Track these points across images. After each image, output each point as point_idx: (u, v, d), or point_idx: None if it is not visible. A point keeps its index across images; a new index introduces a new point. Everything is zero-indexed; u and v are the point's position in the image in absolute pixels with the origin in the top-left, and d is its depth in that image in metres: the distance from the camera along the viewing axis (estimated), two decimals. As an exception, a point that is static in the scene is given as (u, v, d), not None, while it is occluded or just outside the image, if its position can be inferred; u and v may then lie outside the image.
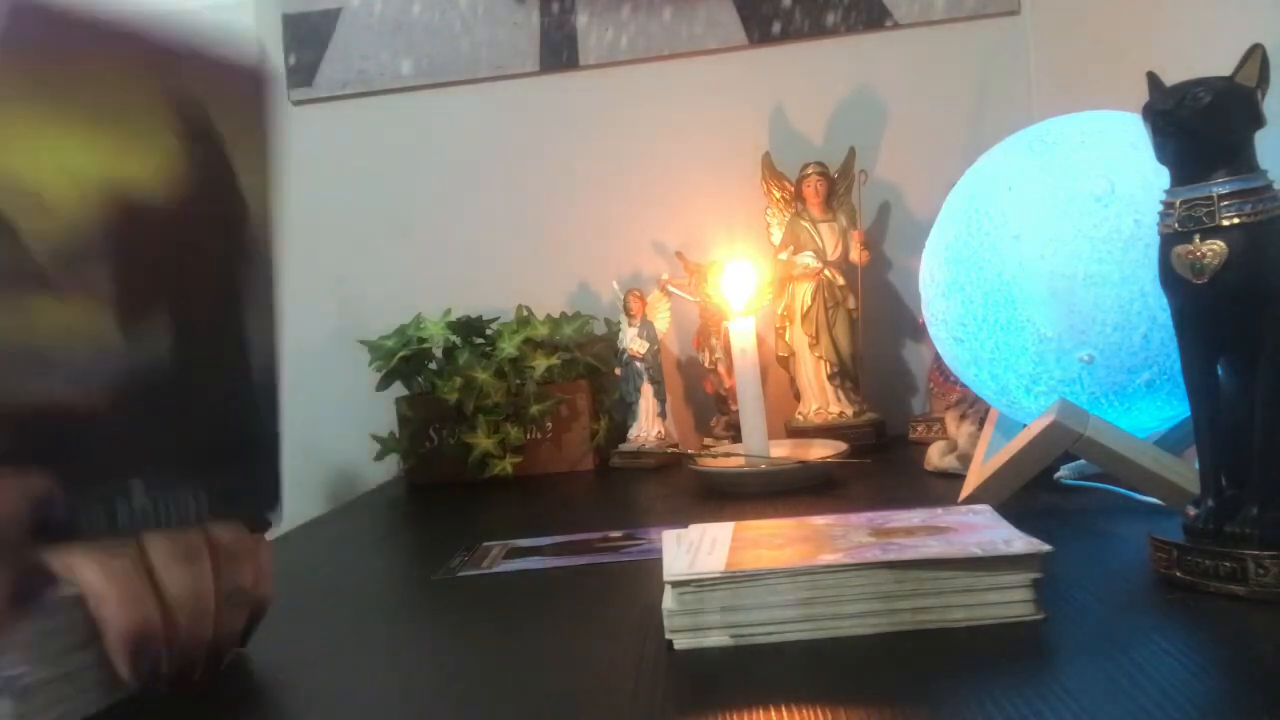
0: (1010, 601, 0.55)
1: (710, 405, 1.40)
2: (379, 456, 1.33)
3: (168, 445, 0.29)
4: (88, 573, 0.26)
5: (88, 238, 0.28)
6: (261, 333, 0.31)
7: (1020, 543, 0.56)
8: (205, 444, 0.30)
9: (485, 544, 0.89)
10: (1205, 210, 0.56)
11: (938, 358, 1.14)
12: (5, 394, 0.26)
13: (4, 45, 0.27)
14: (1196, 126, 0.56)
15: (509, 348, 1.28)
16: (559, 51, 1.48)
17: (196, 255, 0.30)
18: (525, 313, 1.37)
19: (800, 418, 1.29)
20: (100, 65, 0.29)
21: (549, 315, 1.37)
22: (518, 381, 1.27)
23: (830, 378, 1.28)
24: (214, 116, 0.31)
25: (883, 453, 1.21)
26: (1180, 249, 0.57)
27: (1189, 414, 0.62)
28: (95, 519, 0.27)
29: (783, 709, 0.46)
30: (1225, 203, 0.55)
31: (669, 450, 1.28)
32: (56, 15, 0.28)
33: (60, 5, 0.29)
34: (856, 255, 1.30)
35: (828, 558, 0.56)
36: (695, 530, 0.67)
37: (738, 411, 1.13)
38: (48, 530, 0.27)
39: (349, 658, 0.64)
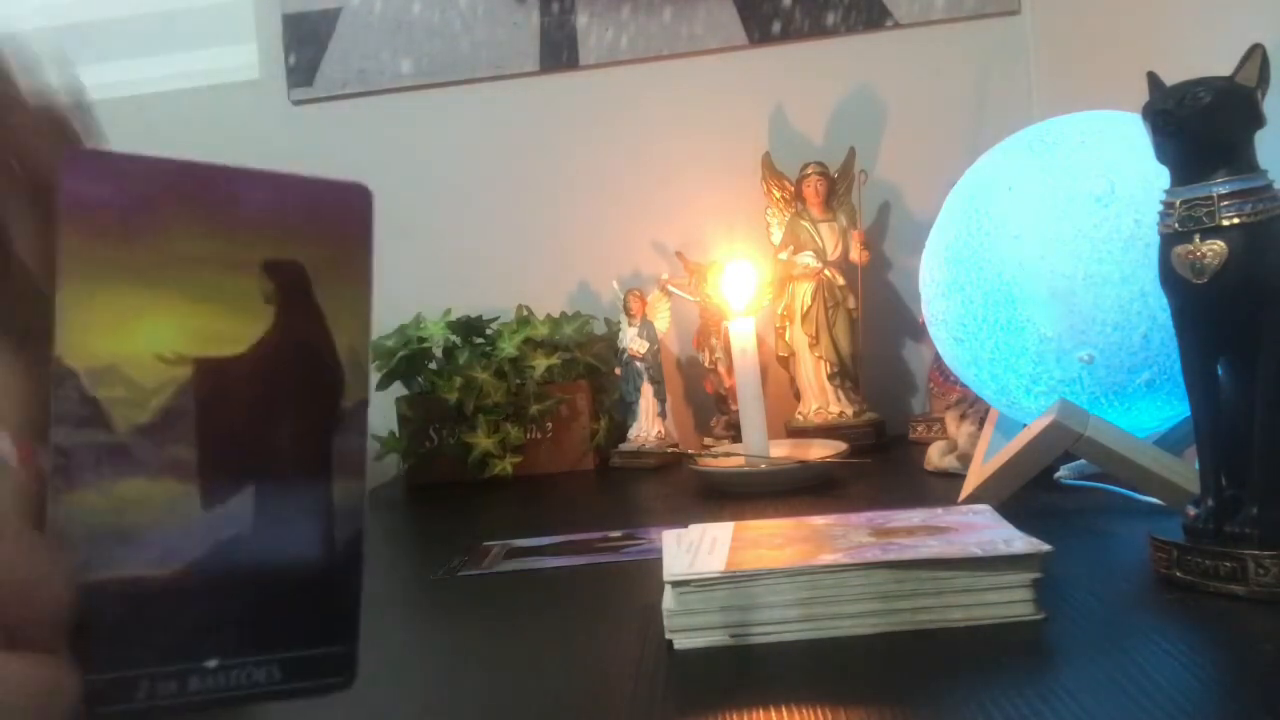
0: (1010, 601, 0.55)
1: (710, 405, 1.40)
2: (379, 456, 1.33)
3: (245, 618, 0.29)
4: None
5: (176, 418, 0.28)
6: (348, 500, 0.30)
7: (1020, 543, 0.56)
8: (281, 617, 0.30)
9: (485, 544, 0.89)
10: (1205, 210, 0.56)
11: (938, 358, 1.14)
12: (93, 570, 0.27)
13: (80, 210, 0.27)
14: (1196, 126, 0.56)
15: (509, 348, 1.28)
16: (559, 51, 1.48)
17: (285, 426, 0.30)
18: (525, 313, 1.37)
19: (800, 418, 1.29)
20: (194, 242, 0.28)
21: (549, 315, 1.37)
22: (518, 381, 1.27)
23: (830, 378, 1.28)
24: (312, 269, 0.30)
25: (883, 453, 1.21)
26: (1180, 249, 0.57)
27: (1189, 414, 0.62)
28: (168, 689, 0.28)
29: (783, 709, 0.46)
30: (1225, 203, 0.55)
31: (669, 450, 1.28)
32: (135, 172, 0.28)
33: (138, 160, 0.28)
34: (856, 255, 1.30)
35: (828, 558, 0.56)
36: (695, 530, 0.67)
37: (738, 411, 1.13)
38: (112, 699, 0.27)
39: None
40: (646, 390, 1.32)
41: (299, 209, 0.30)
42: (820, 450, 1.09)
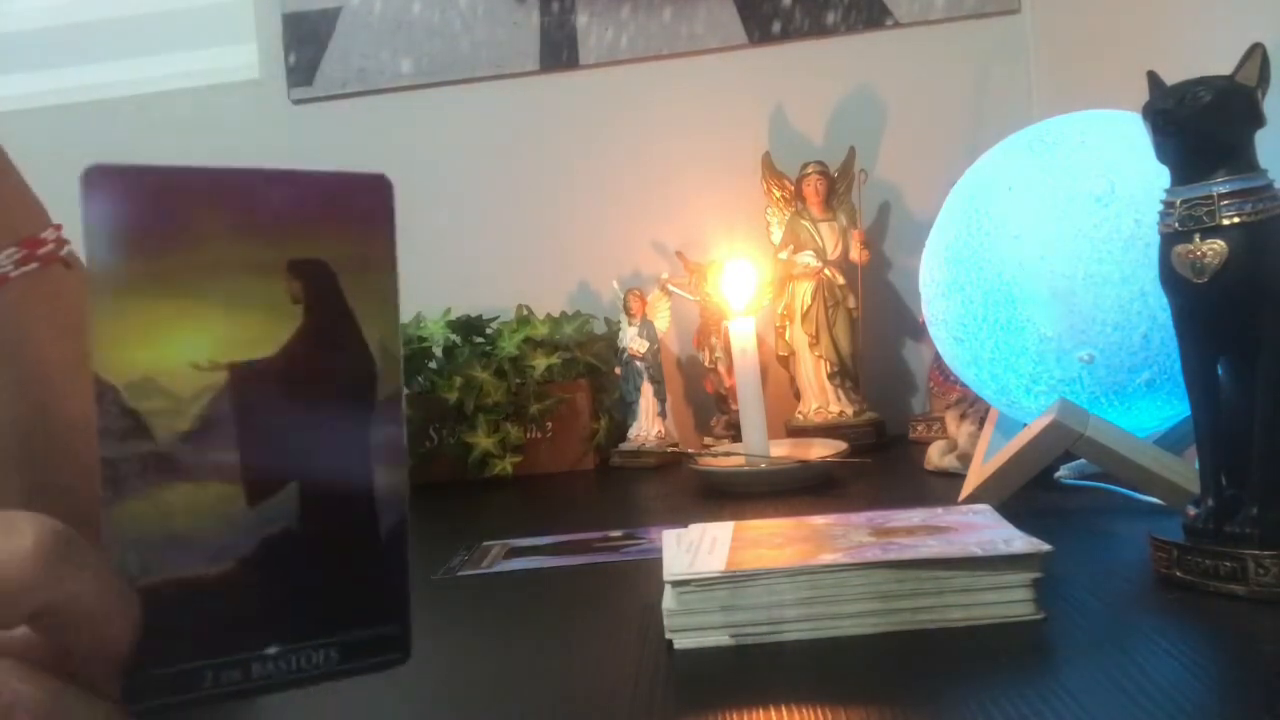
0: (1010, 601, 0.55)
1: (710, 404, 1.40)
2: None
3: (299, 606, 0.30)
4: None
5: (215, 423, 0.29)
6: (390, 489, 0.31)
7: (1020, 542, 0.56)
8: (334, 603, 0.31)
9: (485, 544, 0.89)
10: (1205, 210, 0.56)
11: (938, 357, 1.14)
12: (148, 574, 0.28)
13: (104, 226, 0.27)
14: (1196, 126, 0.56)
15: (509, 347, 1.28)
16: (559, 51, 1.48)
17: (322, 422, 0.31)
18: (525, 312, 1.37)
19: (800, 417, 1.29)
20: (219, 247, 0.28)
21: (549, 315, 1.37)
22: (518, 381, 1.27)
23: (830, 377, 1.28)
24: (337, 265, 0.30)
25: (883, 452, 1.21)
26: (1180, 249, 0.57)
27: (1189, 414, 0.62)
28: (232, 674, 0.29)
29: (783, 709, 0.46)
30: (1225, 202, 0.55)
31: (669, 450, 1.28)
32: (156, 184, 0.27)
33: (157, 171, 0.28)
34: (856, 254, 1.30)
35: (828, 557, 0.56)
36: (695, 530, 0.67)
37: (738, 411, 1.13)
38: (178, 684, 0.28)
39: (349, 657, 0.64)
40: (646, 390, 1.32)
41: (320, 205, 0.31)
42: (820, 450, 1.09)
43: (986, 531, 0.59)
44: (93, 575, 0.26)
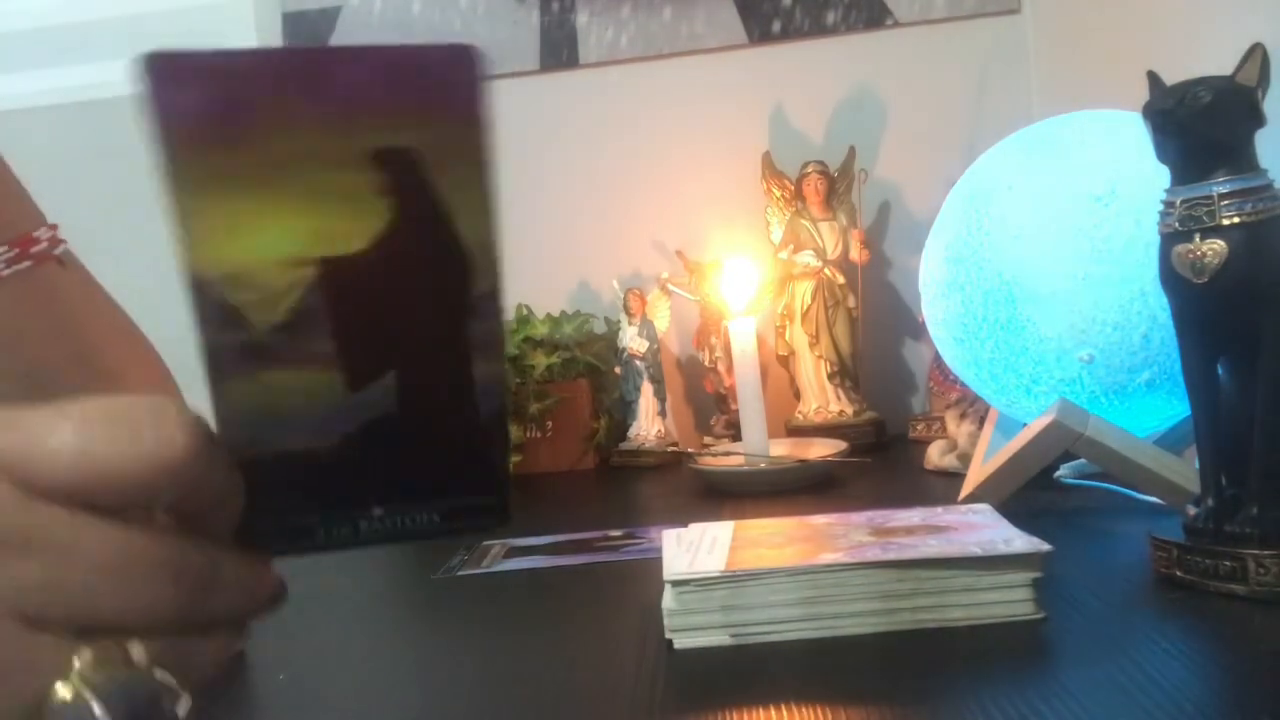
0: (1010, 601, 0.55)
1: (710, 404, 1.40)
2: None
3: (402, 476, 0.32)
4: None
5: (309, 315, 0.29)
6: (488, 379, 0.32)
7: (1020, 542, 0.56)
8: (436, 475, 0.32)
9: (485, 543, 0.89)
10: (1205, 210, 0.56)
11: (938, 357, 1.14)
12: (259, 445, 0.29)
13: (173, 120, 0.26)
14: (1197, 126, 0.56)
15: (509, 347, 1.28)
16: (559, 51, 1.48)
17: (417, 317, 0.31)
18: (525, 311, 1.37)
19: (800, 417, 1.29)
20: (296, 138, 0.28)
21: (549, 314, 1.37)
22: (518, 380, 1.27)
23: (830, 377, 1.28)
24: (423, 152, 0.29)
25: (883, 452, 1.21)
26: (1180, 248, 0.57)
27: (1189, 414, 0.62)
28: (342, 531, 0.31)
29: (783, 709, 0.47)
30: (1225, 202, 0.55)
31: (669, 449, 1.28)
32: (222, 71, 0.27)
33: (222, 56, 0.27)
34: (856, 254, 1.30)
35: (828, 557, 0.56)
36: (695, 530, 0.67)
37: (738, 410, 1.13)
38: (295, 537, 0.31)
39: (349, 657, 0.64)
40: (646, 389, 1.32)
41: (396, 85, 0.29)
42: (820, 449, 1.09)
43: (986, 531, 0.59)
44: (221, 463, 0.28)
